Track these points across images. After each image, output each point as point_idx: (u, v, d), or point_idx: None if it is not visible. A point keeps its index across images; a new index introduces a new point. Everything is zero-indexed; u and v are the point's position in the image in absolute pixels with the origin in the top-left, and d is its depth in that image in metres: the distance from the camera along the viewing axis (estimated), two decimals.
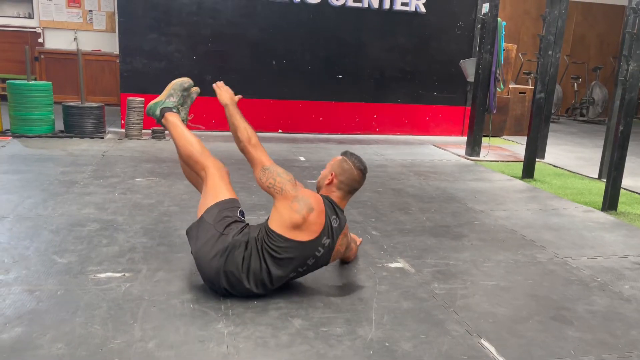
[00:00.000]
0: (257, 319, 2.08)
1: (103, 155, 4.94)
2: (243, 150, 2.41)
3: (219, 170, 2.48)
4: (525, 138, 5.15)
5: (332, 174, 2.40)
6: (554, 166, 5.69)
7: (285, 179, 2.27)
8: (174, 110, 2.68)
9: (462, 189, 4.44)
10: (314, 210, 2.21)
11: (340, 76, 7.02)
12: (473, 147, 5.82)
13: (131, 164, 4.63)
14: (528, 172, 4.95)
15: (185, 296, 2.25)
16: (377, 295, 2.36)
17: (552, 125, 7.82)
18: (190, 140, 2.56)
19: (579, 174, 5.36)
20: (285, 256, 2.19)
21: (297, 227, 2.18)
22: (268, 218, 2.28)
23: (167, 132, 5.88)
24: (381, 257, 2.81)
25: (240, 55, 6.69)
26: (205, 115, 6.70)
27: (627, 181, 4.47)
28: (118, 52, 6.75)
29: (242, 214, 2.36)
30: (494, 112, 5.77)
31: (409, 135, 7.32)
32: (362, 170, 2.45)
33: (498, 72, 5.56)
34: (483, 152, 5.94)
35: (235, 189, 2.54)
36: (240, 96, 2.64)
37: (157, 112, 2.66)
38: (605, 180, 4.67)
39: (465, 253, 2.96)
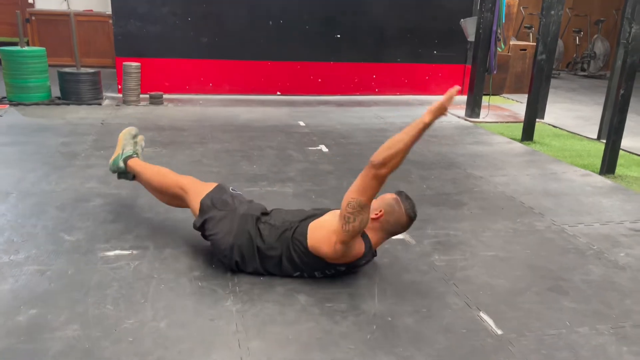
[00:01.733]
0: (264, 296, 2.15)
1: (102, 123, 4.93)
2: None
3: (193, 180, 2.60)
4: (526, 96, 5.13)
5: (381, 211, 2.24)
6: (554, 126, 5.69)
7: (360, 227, 2.11)
8: (134, 156, 2.85)
9: (462, 153, 4.46)
10: (348, 258, 2.18)
11: (339, 36, 6.89)
12: (473, 109, 5.80)
13: None
14: (528, 134, 4.96)
15: (193, 274, 2.31)
16: (379, 269, 2.43)
17: (552, 82, 7.74)
18: (160, 171, 2.73)
19: (579, 134, 5.36)
20: (301, 261, 2.23)
21: (324, 256, 2.19)
22: (302, 224, 2.25)
23: (163, 102, 5.87)
24: None
25: (236, 16, 6.55)
26: (203, 79, 6.63)
27: (626, 142, 4.48)
28: (110, 13, 6.61)
29: (234, 190, 2.48)
30: (495, 72, 5.72)
31: (409, 95, 7.27)
32: (412, 218, 2.29)
33: (499, 31, 5.47)
34: (483, 113, 5.92)
35: (235, 158, 2.60)
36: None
37: (121, 164, 2.83)
38: (604, 141, 4.69)
39: (464, 222, 3.01)
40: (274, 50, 6.76)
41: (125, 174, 2.80)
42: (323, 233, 2.15)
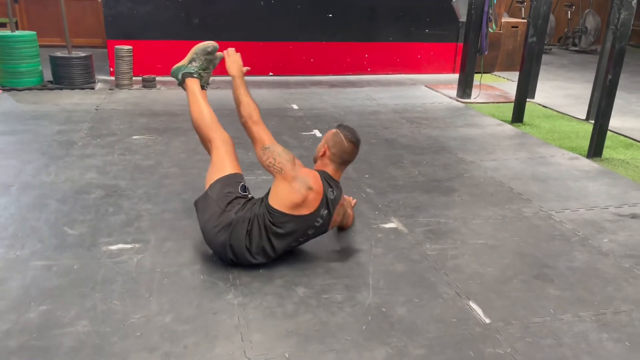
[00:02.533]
0: (264, 289, 2.25)
1: (96, 109, 4.94)
2: (244, 125, 2.48)
3: (225, 144, 2.58)
4: (517, 74, 5.17)
5: (325, 147, 2.47)
6: (544, 106, 5.77)
7: (285, 158, 2.35)
8: (195, 76, 2.76)
9: (453, 136, 4.53)
10: (313, 189, 2.31)
11: (331, 15, 6.87)
12: (464, 90, 5.85)
13: (126, 119, 4.65)
14: (518, 116, 5.04)
15: (194, 267, 2.40)
16: (373, 259, 2.53)
17: (544, 57, 7.73)
18: (202, 110, 2.67)
19: (568, 115, 5.45)
20: (286, 230, 2.32)
21: (297, 205, 2.29)
22: (268, 193, 2.39)
23: (157, 85, 5.86)
24: (376, 218, 2.96)
25: None
26: None
27: (613, 121, 4.56)
28: None
29: (244, 188, 2.47)
30: (486, 53, 5.75)
31: (401, 74, 7.29)
32: (354, 142, 2.49)
33: (490, 11, 5.48)
34: (474, 93, 5.97)
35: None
36: (248, 68, 2.67)
37: (179, 76, 2.76)
38: (592, 122, 4.78)
39: (455, 210, 3.11)
40: (265, 30, 6.73)
41: (182, 85, 2.78)
42: (275, 189, 2.34)
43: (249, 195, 2.48)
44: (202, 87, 2.82)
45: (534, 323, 2.10)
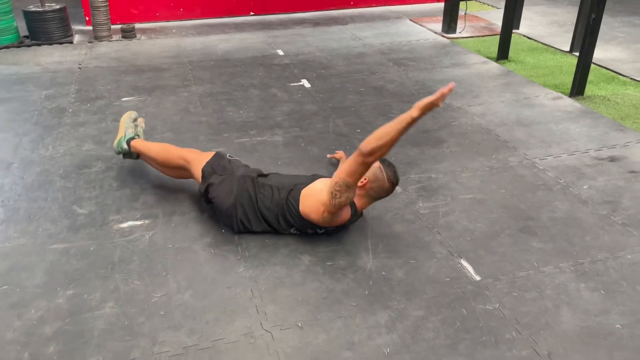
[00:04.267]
0: (272, 259, 2.42)
1: (80, 67, 4.87)
2: (362, 149, 2.25)
3: (195, 152, 2.80)
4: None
5: (365, 179, 2.45)
6: (528, 38, 5.77)
7: (346, 203, 2.34)
8: (136, 137, 2.99)
9: (440, 79, 4.59)
10: (337, 223, 2.45)
11: None
12: (449, 24, 5.81)
13: (111, 78, 4.62)
14: (503, 52, 5.07)
15: (204, 240, 2.56)
16: (370, 222, 2.70)
17: None
18: (162, 147, 2.90)
19: (552, 47, 5.48)
20: (293, 220, 2.48)
21: (313, 219, 2.43)
22: (294, 190, 2.46)
23: (136, 35, 5.72)
24: None
25: None
26: (173, 4, 6.41)
27: (596, 52, 4.63)
28: None
29: (231, 156, 2.72)
30: None
31: (385, 5, 7.15)
32: (394, 183, 2.50)
33: None
34: (459, 26, 5.93)
35: (221, 102, 2.88)
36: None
37: (124, 145, 2.95)
38: (576, 54, 4.85)
39: (444, 163, 3.26)
40: None
41: (130, 154, 2.96)
42: (312, 202, 2.40)
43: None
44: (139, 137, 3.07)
45: (519, 277, 2.32)
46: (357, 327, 2.06)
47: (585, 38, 4.00)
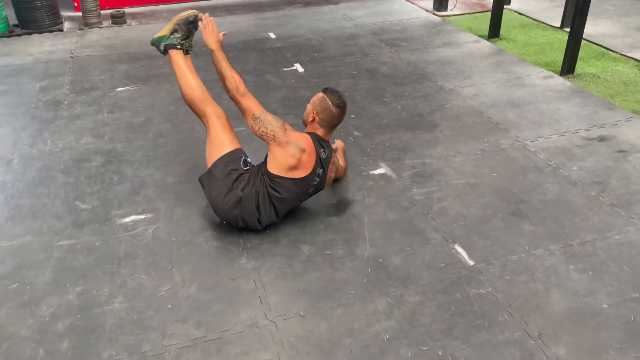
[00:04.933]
0: (272, 250, 2.50)
1: (72, 57, 4.87)
2: (232, 98, 2.59)
3: (219, 118, 2.67)
4: None
5: (314, 112, 2.61)
6: (520, 14, 5.78)
7: (276, 126, 2.49)
8: (178, 47, 2.77)
9: (432, 60, 4.62)
10: (306, 150, 2.49)
11: None
12: (440, 2, 5.81)
13: (105, 67, 4.62)
14: (494, 29, 5.09)
15: (206, 233, 2.63)
16: (367, 209, 2.78)
17: None
18: (192, 84, 2.73)
19: (543, 22, 5.50)
20: (288, 194, 2.53)
21: (293, 167, 2.49)
22: (265, 162, 2.57)
23: (126, 20, 5.67)
24: (365, 164, 3.17)
25: None
26: None
27: (588, 27, 4.65)
28: None
29: (246, 162, 2.60)
30: None
31: None
32: (341, 107, 2.62)
33: None
34: (451, 3, 5.92)
35: (216, 90, 2.89)
36: (224, 33, 2.74)
37: (161, 47, 2.78)
38: (567, 30, 4.87)
39: (438, 147, 3.32)
40: None
41: (164, 54, 2.82)
42: (272, 156, 2.51)
43: (250, 167, 2.63)
44: (186, 52, 2.85)
45: (511, 261, 2.42)
46: (357, 314, 2.16)
47: (574, 18, 4.03)
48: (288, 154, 2.47)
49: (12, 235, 2.63)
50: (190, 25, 2.81)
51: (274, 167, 2.51)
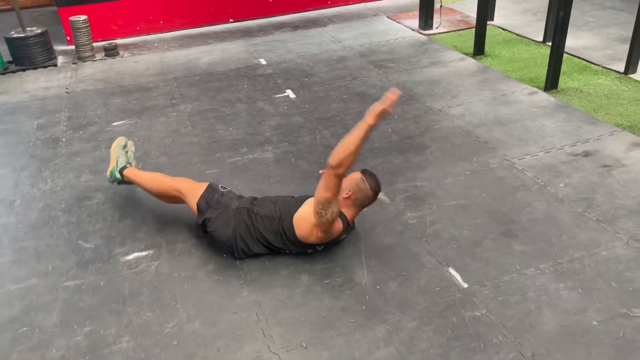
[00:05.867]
0: (272, 282, 2.58)
1: (67, 92, 4.96)
2: (330, 164, 2.41)
3: (187, 182, 2.92)
4: None
5: (350, 191, 2.62)
6: (503, 29, 5.92)
7: (335, 216, 2.50)
8: (128, 166, 3.12)
9: (420, 80, 4.73)
10: (328, 239, 2.63)
11: None
12: (426, 21, 5.94)
13: (100, 102, 4.71)
14: (479, 47, 5.22)
15: (208, 267, 2.71)
16: (363, 235, 2.86)
17: None
18: (154, 178, 3.03)
19: (526, 37, 5.63)
20: (279, 243, 2.67)
21: (310, 241, 2.62)
22: (289, 214, 2.63)
23: (119, 52, 5.79)
24: None
25: None
26: (152, 17, 6.46)
27: (569, 40, 4.76)
28: None
29: (224, 187, 2.87)
30: None
31: (362, 3, 7.25)
32: (377, 192, 2.67)
33: None
34: (435, 21, 6.06)
35: (210, 120, 3.05)
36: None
37: (117, 175, 3.10)
38: (549, 44, 5.00)
39: (429, 170, 3.42)
40: None
41: (124, 181, 3.10)
42: (307, 226, 2.57)
43: (228, 188, 2.89)
44: (130, 165, 3.18)
45: (503, 282, 2.51)
46: (357, 342, 2.24)
47: (555, 35, 4.16)
48: (315, 234, 2.57)
49: (18, 278, 2.70)
50: (125, 149, 3.20)
51: (298, 230, 2.59)
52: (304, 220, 2.58)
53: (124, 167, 3.09)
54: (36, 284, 2.66)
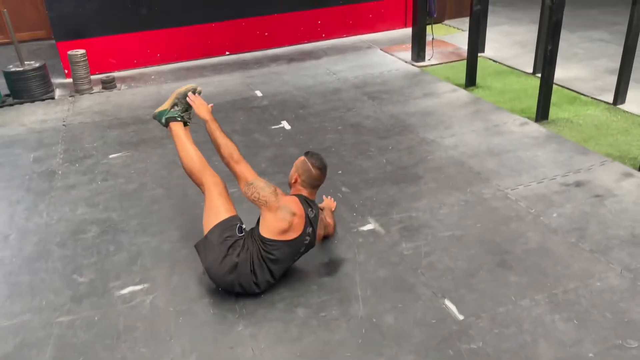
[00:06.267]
0: (268, 315, 2.58)
1: (64, 125, 5.00)
2: (227, 165, 2.73)
3: (216, 186, 2.80)
4: (467, 20, 5.34)
5: (296, 174, 2.79)
6: (494, 61, 6.04)
7: (268, 192, 2.62)
8: (179, 119, 2.98)
9: (413, 112, 4.81)
10: (296, 213, 2.61)
11: None
12: (418, 53, 6.06)
13: (97, 134, 4.75)
14: (470, 79, 5.32)
15: (203, 300, 2.70)
16: (358, 267, 2.87)
17: None
18: (191, 154, 2.91)
19: (516, 69, 5.75)
20: (281, 256, 2.63)
21: (285, 230, 2.60)
22: (257, 225, 2.68)
23: (116, 85, 5.86)
24: (354, 220, 3.28)
25: None
26: (150, 51, 6.57)
27: (558, 71, 4.85)
28: None
29: (241, 229, 2.70)
30: (435, 16, 5.93)
31: (355, 35, 7.40)
32: (321, 168, 2.79)
33: None
34: (428, 53, 6.19)
35: (207, 152, 3.03)
36: (212, 105, 2.91)
37: (163, 120, 3.00)
38: (539, 75, 5.11)
39: (423, 200, 3.45)
40: (217, 10, 6.69)
41: (166, 126, 3.01)
42: (264, 220, 2.62)
43: (244, 233, 2.72)
44: (185, 124, 3.02)
45: (499, 313, 2.51)
46: None
47: (544, 68, 4.26)
48: (279, 218, 2.58)
49: (12, 313, 2.68)
50: (186, 99, 2.97)
51: (266, 231, 2.61)
52: (262, 219, 2.65)
53: (174, 119, 2.95)
54: (30, 320, 2.63)
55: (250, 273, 2.59)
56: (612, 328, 2.39)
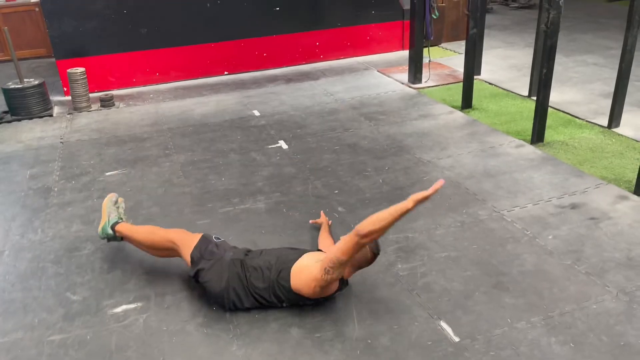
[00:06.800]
0: (262, 336, 2.55)
1: (62, 142, 5.00)
2: (358, 232, 2.40)
3: (181, 233, 2.91)
4: (463, 43, 5.41)
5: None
6: (490, 84, 6.11)
7: (337, 278, 2.53)
8: (120, 221, 3.10)
9: (410, 132, 4.84)
10: (326, 293, 2.62)
11: (278, 8, 6.93)
12: (415, 75, 6.13)
13: (94, 152, 4.75)
14: (467, 101, 5.37)
15: (196, 320, 2.67)
16: (354, 287, 2.85)
17: (486, 18, 8.01)
18: (147, 230, 3.01)
19: (512, 92, 5.81)
20: (272, 298, 2.66)
21: (305, 294, 2.60)
22: (286, 267, 2.62)
23: (115, 103, 5.89)
24: None
25: (173, 2, 6.46)
26: (149, 70, 6.62)
27: (553, 94, 4.90)
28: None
29: (217, 238, 2.85)
30: (432, 39, 6.01)
31: (353, 57, 7.48)
32: (375, 254, 2.64)
33: (432, 1, 5.71)
34: (424, 75, 6.25)
35: (203, 170, 3.05)
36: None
37: (109, 231, 3.06)
38: (534, 98, 5.16)
39: (419, 221, 3.45)
40: (215, 31, 6.76)
41: (115, 237, 3.06)
42: (303, 278, 2.56)
43: (222, 239, 2.88)
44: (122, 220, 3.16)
45: (495, 335, 2.49)
46: None
47: (539, 91, 4.30)
48: (312, 288, 2.54)
49: (4, 331, 2.65)
50: (116, 205, 3.18)
51: (296, 278, 2.58)
52: (303, 272, 2.57)
53: (116, 223, 3.06)
54: (21, 338, 2.60)
55: (244, 278, 2.65)
56: (608, 351, 2.37)
